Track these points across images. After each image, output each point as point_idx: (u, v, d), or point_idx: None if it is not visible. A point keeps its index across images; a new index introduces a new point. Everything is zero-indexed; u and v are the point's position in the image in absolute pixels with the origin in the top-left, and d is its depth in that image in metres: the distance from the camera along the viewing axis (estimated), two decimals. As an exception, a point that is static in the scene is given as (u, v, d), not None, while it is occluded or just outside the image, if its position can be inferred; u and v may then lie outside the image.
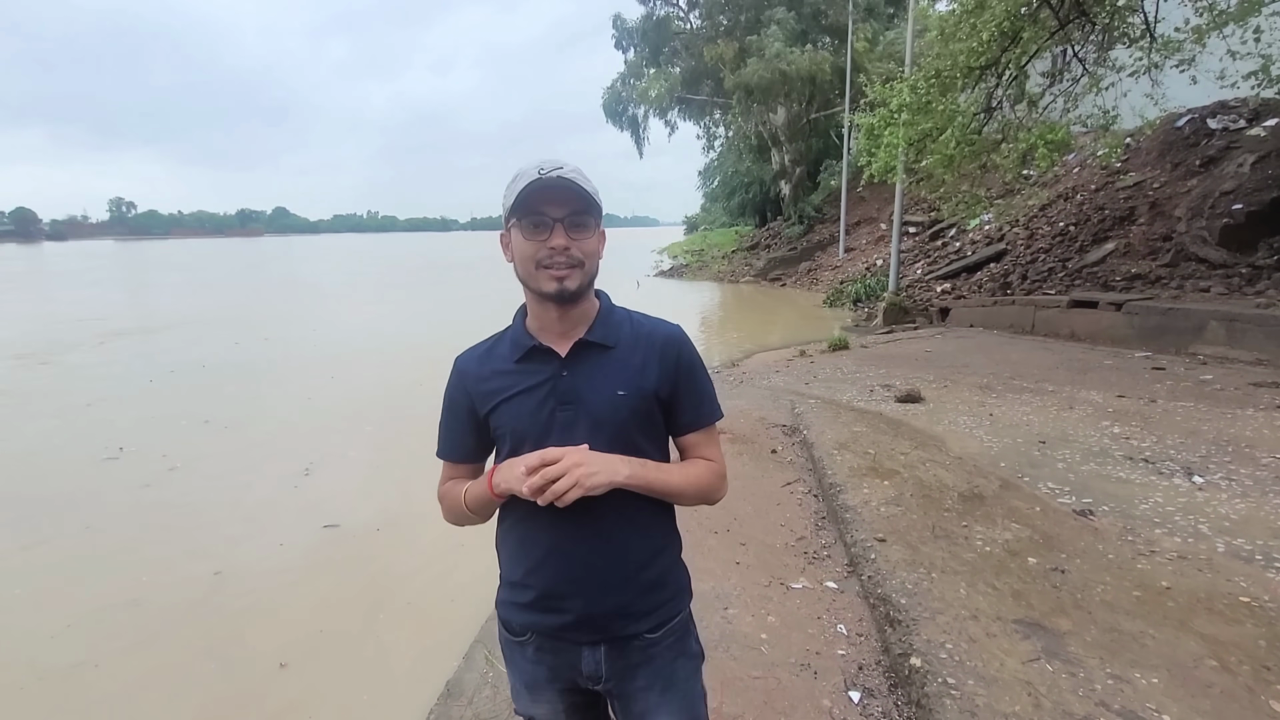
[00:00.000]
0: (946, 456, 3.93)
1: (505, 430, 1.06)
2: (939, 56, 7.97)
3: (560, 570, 1.05)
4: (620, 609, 1.05)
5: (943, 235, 14.63)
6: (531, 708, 1.14)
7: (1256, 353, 5.77)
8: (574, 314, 1.05)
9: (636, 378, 1.05)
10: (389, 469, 5.04)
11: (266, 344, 10.85)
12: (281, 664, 2.63)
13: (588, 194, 0.98)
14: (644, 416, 1.06)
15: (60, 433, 6.08)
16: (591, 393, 1.03)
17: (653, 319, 1.13)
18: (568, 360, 1.04)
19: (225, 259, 48.57)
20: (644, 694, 1.08)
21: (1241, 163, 7.82)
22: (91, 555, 3.69)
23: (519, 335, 1.08)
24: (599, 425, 1.02)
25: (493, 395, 1.07)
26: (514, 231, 1.01)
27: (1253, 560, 2.57)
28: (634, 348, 1.07)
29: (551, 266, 0.98)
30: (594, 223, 1.01)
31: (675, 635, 1.11)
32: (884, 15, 21.80)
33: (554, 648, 1.08)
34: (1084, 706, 1.80)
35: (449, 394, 1.15)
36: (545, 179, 0.95)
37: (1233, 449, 3.78)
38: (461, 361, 1.14)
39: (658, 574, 1.09)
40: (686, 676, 1.12)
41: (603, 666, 1.07)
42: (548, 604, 1.06)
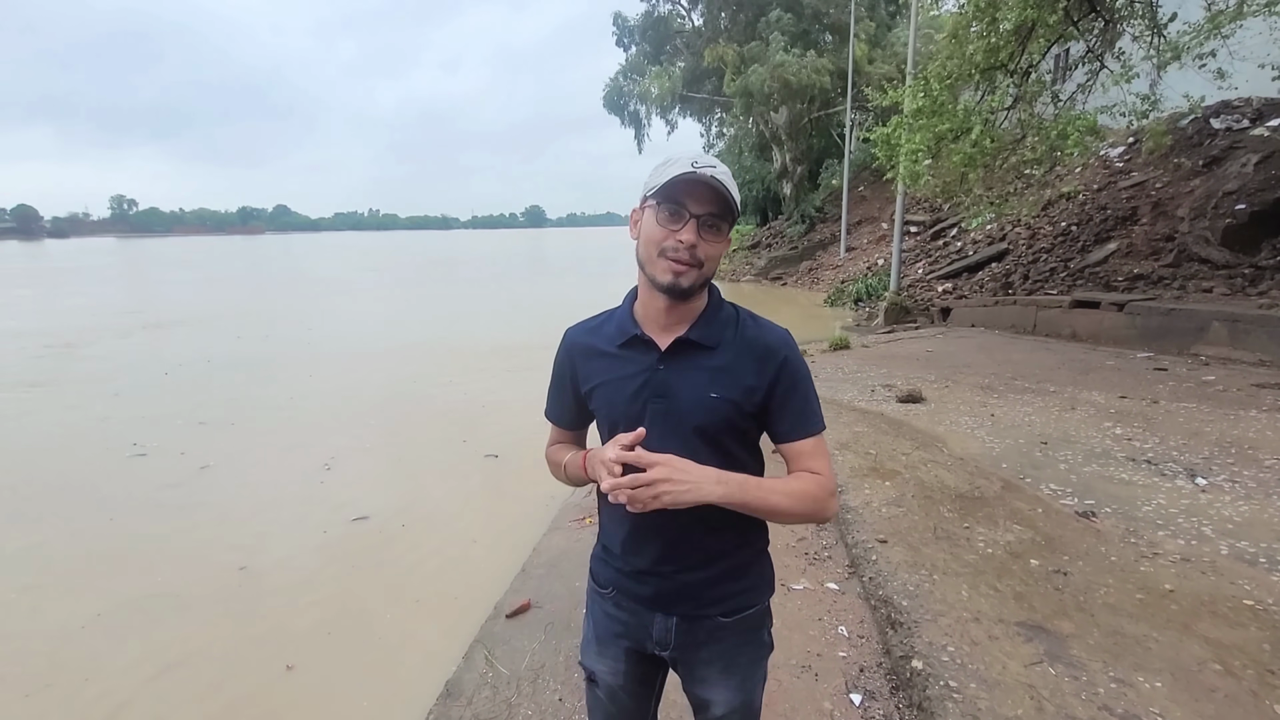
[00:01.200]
0: (948, 457, 3.92)
1: (602, 413, 1.11)
2: (950, 57, 7.92)
3: (642, 549, 1.09)
4: (696, 591, 1.09)
5: (944, 235, 14.61)
6: (597, 661, 1.19)
7: (1259, 354, 5.75)
8: (680, 309, 1.05)
9: (732, 383, 1.03)
10: (408, 462, 5.14)
11: (287, 338, 11.23)
12: (289, 666, 2.63)
13: (731, 200, 0.97)
14: (736, 422, 1.04)
15: (96, 419, 6.28)
16: (685, 391, 1.03)
17: (762, 321, 1.09)
18: (666, 355, 1.05)
19: (234, 256, 48.85)
20: (706, 667, 1.13)
21: (1245, 163, 7.79)
22: (124, 548, 3.76)
23: (624, 320, 1.09)
24: (688, 424, 1.02)
25: (593, 376, 1.11)
26: (648, 212, 1.01)
27: (1256, 563, 2.55)
28: (735, 351, 1.05)
29: (674, 259, 0.98)
30: (727, 228, 1.01)
31: (748, 625, 1.13)
32: (885, 14, 21.75)
33: (631, 608, 1.13)
34: (1087, 710, 1.79)
35: (557, 363, 1.19)
36: (698, 174, 0.95)
37: (1236, 450, 3.76)
38: (570, 334, 1.17)
39: (737, 565, 1.11)
40: (750, 661, 1.16)
41: (672, 636, 1.11)
42: (630, 574, 1.12)
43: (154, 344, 10.75)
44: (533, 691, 2.22)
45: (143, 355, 9.78)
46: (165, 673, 2.64)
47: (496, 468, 4.96)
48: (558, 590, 2.92)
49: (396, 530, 3.90)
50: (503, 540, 3.71)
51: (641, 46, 24.15)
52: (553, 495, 4.32)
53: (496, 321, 13.64)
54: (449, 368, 8.54)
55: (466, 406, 6.71)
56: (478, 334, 11.53)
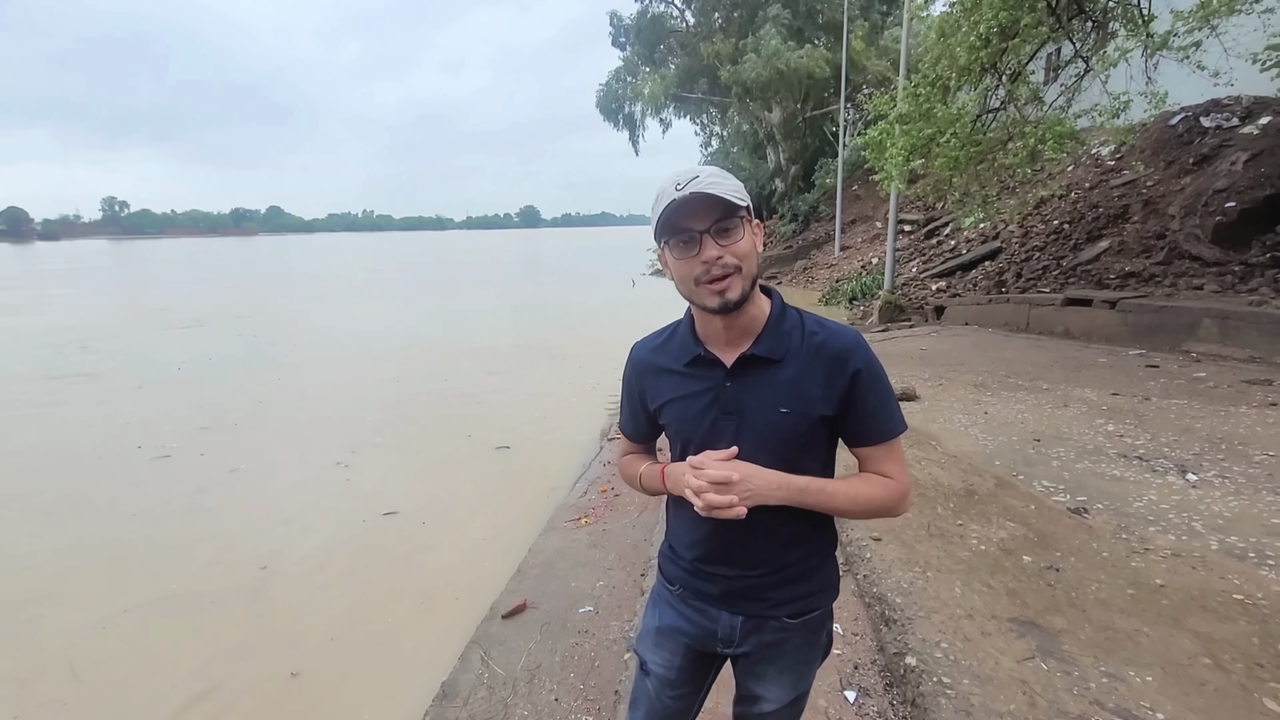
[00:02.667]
0: (942, 454, 3.94)
1: (673, 430, 1.13)
2: (938, 60, 7.96)
3: (714, 552, 1.11)
4: (763, 592, 1.11)
5: (938, 233, 14.66)
6: (653, 653, 1.21)
7: (1250, 350, 5.80)
8: (740, 323, 1.03)
9: (802, 397, 1.01)
10: (424, 458, 5.22)
11: (299, 337, 11.56)
12: (293, 673, 2.61)
13: (724, 199, 0.95)
14: (806, 435, 1.03)
15: (124, 416, 6.47)
16: (754, 407, 1.03)
17: (829, 326, 1.06)
18: (732, 371, 1.04)
19: (234, 258, 48.62)
20: (767, 665, 1.15)
21: (1235, 160, 7.84)
22: (149, 548, 3.78)
23: (687, 340, 1.09)
24: (759, 439, 1.02)
25: (661, 394, 1.12)
26: (666, 251, 1.01)
27: (1246, 558, 2.58)
28: (803, 362, 1.02)
29: (710, 281, 0.97)
30: (740, 223, 0.98)
31: (811, 627, 1.15)
32: (879, 13, 21.82)
33: (698, 605, 1.15)
34: (1079, 705, 1.80)
35: (626, 379, 1.21)
36: (680, 198, 0.94)
37: (1226, 446, 3.79)
38: (637, 351, 1.19)
39: (804, 569, 1.12)
40: (809, 660, 1.18)
41: (737, 633, 1.12)
42: (698, 573, 1.14)
43: (181, 341, 11.06)
44: (529, 692, 2.22)
45: (166, 352, 10.07)
46: (169, 674, 2.64)
47: (507, 459, 5.11)
48: (553, 590, 2.92)
49: (416, 527, 3.95)
50: (500, 541, 3.71)
51: (636, 46, 24.14)
52: (554, 487, 4.36)
53: (500, 322, 13.69)
54: (454, 366, 8.62)
55: (476, 402, 6.79)
56: (480, 334, 11.60)
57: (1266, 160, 7.52)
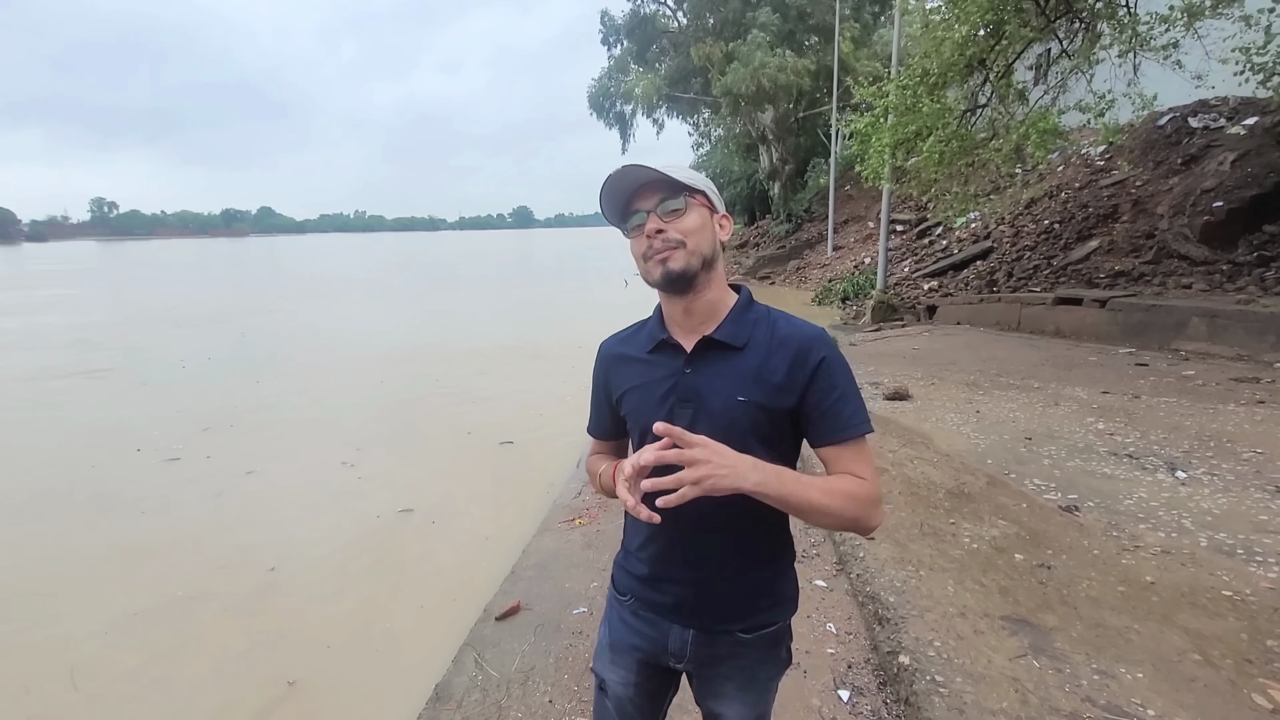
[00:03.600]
0: (934, 454, 3.96)
1: (631, 420, 1.10)
2: (925, 55, 7.99)
3: (666, 556, 1.07)
4: (716, 605, 1.07)
5: (930, 233, 14.73)
6: (609, 669, 1.17)
7: (1237, 348, 5.85)
8: (699, 307, 1.03)
9: (761, 385, 0.99)
10: (431, 456, 5.23)
11: (299, 336, 11.71)
12: (290, 681, 2.57)
13: (666, 177, 0.97)
14: (765, 426, 0.99)
15: (132, 417, 6.45)
16: (711, 394, 1.00)
17: (795, 320, 1.05)
18: (692, 357, 1.03)
19: (227, 260, 48.31)
20: (724, 682, 1.11)
21: (1222, 160, 7.92)
22: (160, 549, 3.76)
23: (654, 327, 1.10)
24: (716, 428, 0.95)
25: (624, 382, 1.11)
26: (626, 234, 1.03)
27: (1234, 554, 2.60)
28: (765, 352, 1.00)
29: (654, 254, 0.98)
30: (690, 204, 0.98)
31: (767, 641, 1.09)
32: (870, 14, 21.89)
33: (649, 617, 1.11)
34: (1070, 702, 1.81)
35: (594, 375, 1.19)
36: (617, 182, 0.98)
37: (1214, 444, 3.82)
38: (605, 346, 1.18)
39: (761, 581, 1.08)
40: (768, 678, 1.13)
41: (688, 648, 1.08)
42: (650, 582, 1.10)
43: (192, 340, 11.16)
44: (523, 694, 2.22)
45: (178, 351, 10.13)
46: (166, 685, 2.60)
47: (509, 458, 5.17)
48: (547, 592, 2.91)
49: (424, 526, 3.95)
50: (495, 542, 3.70)
51: (627, 46, 24.12)
52: (552, 483, 4.36)
53: (494, 323, 13.71)
54: (451, 367, 8.65)
55: (471, 401, 6.81)
56: (475, 335, 11.64)
57: (1253, 160, 7.60)
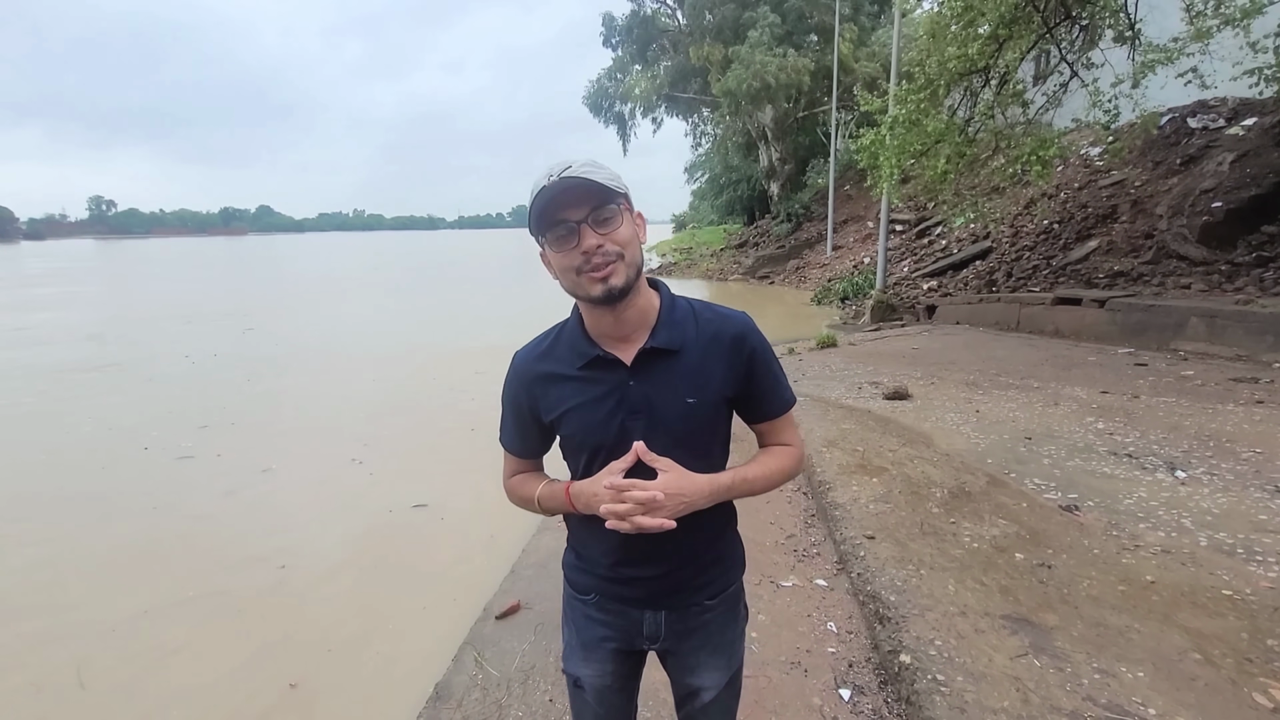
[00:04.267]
0: (934, 453, 3.96)
1: (576, 440, 1.06)
2: (927, 57, 7.99)
3: (630, 556, 1.08)
4: (683, 583, 1.11)
5: (929, 233, 14.74)
6: (582, 667, 1.17)
7: (1236, 348, 5.86)
8: (630, 315, 1.01)
9: (706, 384, 1.03)
10: (438, 458, 5.23)
11: (309, 335, 11.83)
12: (292, 684, 2.54)
13: (600, 185, 0.92)
14: (715, 420, 1.06)
15: (150, 413, 6.51)
16: (661, 403, 1.01)
17: (720, 311, 1.08)
18: (634, 369, 1.02)
19: (228, 259, 48.19)
20: (695, 653, 1.15)
21: (1221, 161, 7.93)
22: (172, 547, 3.75)
23: (578, 342, 1.04)
24: (670, 434, 1.01)
25: (559, 403, 1.05)
26: (546, 247, 0.98)
27: (1234, 553, 2.60)
28: (702, 350, 1.03)
29: (592, 270, 0.94)
30: (618, 211, 0.95)
31: (728, 602, 1.17)
32: (870, 14, 21.90)
33: (617, 609, 1.13)
34: (1071, 701, 1.81)
35: (509, 391, 1.13)
36: (550, 185, 0.91)
37: (1214, 444, 3.83)
38: (519, 361, 1.12)
39: (718, 551, 1.14)
40: (733, 638, 1.19)
41: (662, 629, 1.12)
42: (615, 579, 1.11)
43: (208, 337, 11.28)
44: (523, 693, 2.22)
45: (182, 347, 10.22)
46: (169, 689, 2.58)
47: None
48: (547, 591, 2.91)
49: (435, 522, 3.95)
50: (499, 539, 3.69)
51: (627, 46, 24.12)
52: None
53: (494, 323, 13.75)
54: (453, 365, 8.66)
55: (470, 398, 6.82)
56: (473, 334, 11.66)
57: (1252, 161, 7.61)
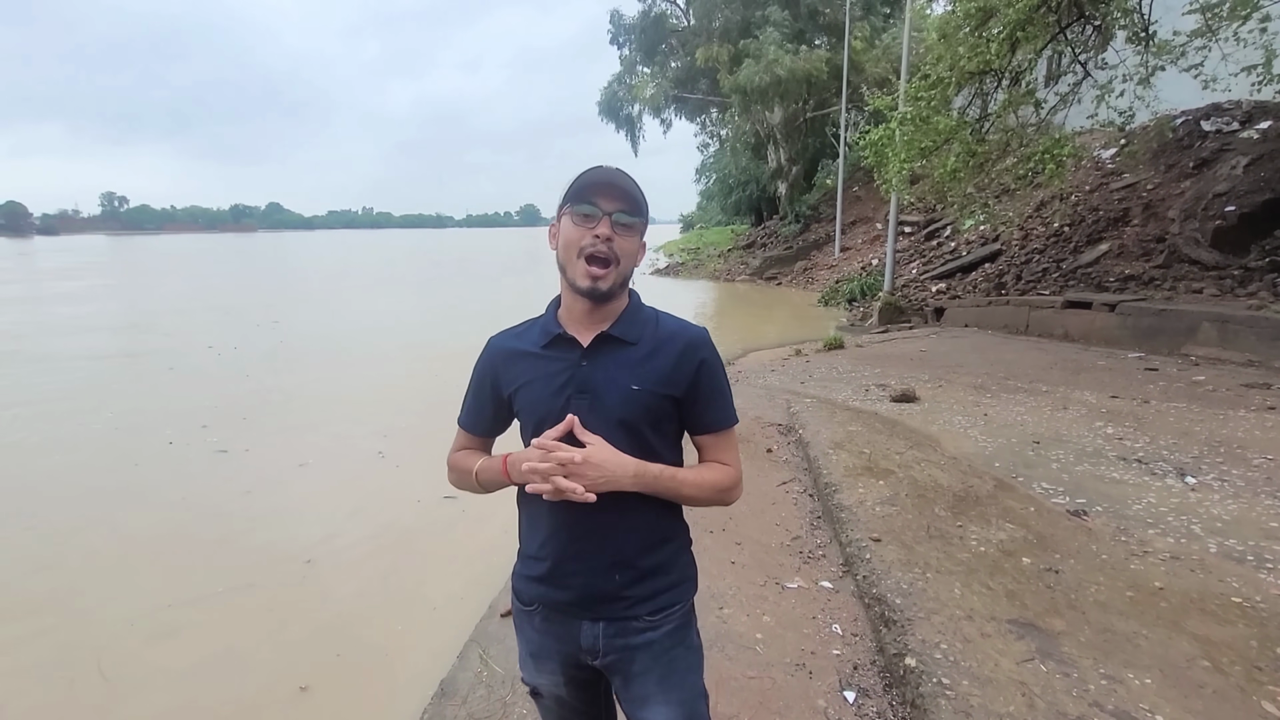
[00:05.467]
0: (941, 456, 3.94)
1: (525, 412, 1.12)
2: (939, 61, 7.95)
3: (563, 549, 1.09)
4: (618, 590, 1.09)
5: (938, 235, 14.67)
6: (536, 677, 1.20)
7: (1248, 354, 5.81)
8: (603, 309, 1.09)
9: (653, 375, 1.07)
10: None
11: (334, 329, 12.09)
12: (302, 687, 2.51)
13: (638, 197, 1.04)
14: (657, 414, 1.08)
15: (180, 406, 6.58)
16: (607, 384, 1.06)
17: (679, 321, 1.15)
18: (588, 351, 1.08)
19: (242, 255, 48.45)
20: (642, 679, 1.11)
21: (1235, 165, 7.86)
22: (203, 540, 3.78)
23: (548, 322, 1.13)
24: (611, 416, 1.05)
25: (517, 377, 1.13)
26: (564, 220, 1.06)
27: (1244, 561, 2.58)
28: (655, 347, 1.09)
29: (591, 261, 1.02)
30: (639, 227, 1.07)
31: (675, 624, 1.13)
32: (881, 13, 21.81)
33: (559, 619, 1.13)
34: (1078, 707, 1.80)
35: (478, 369, 1.21)
36: (605, 170, 1.03)
37: (1225, 450, 3.80)
38: (494, 341, 1.20)
39: (659, 561, 1.12)
40: (686, 669, 1.15)
41: (600, 642, 1.10)
42: (552, 579, 1.11)
43: (225, 329, 11.53)
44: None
45: (208, 339, 10.43)
46: (182, 688, 2.59)
47: None
48: (553, 589, 2.91)
49: (458, 515, 3.96)
50: (498, 540, 3.70)
51: (636, 47, 24.12)
52: None
53: (502, 319, 13.90)
54: (460, 362, 8.73)
55: None
56: (479, 330, 11.81)
57: (1266, 165, 7.54)
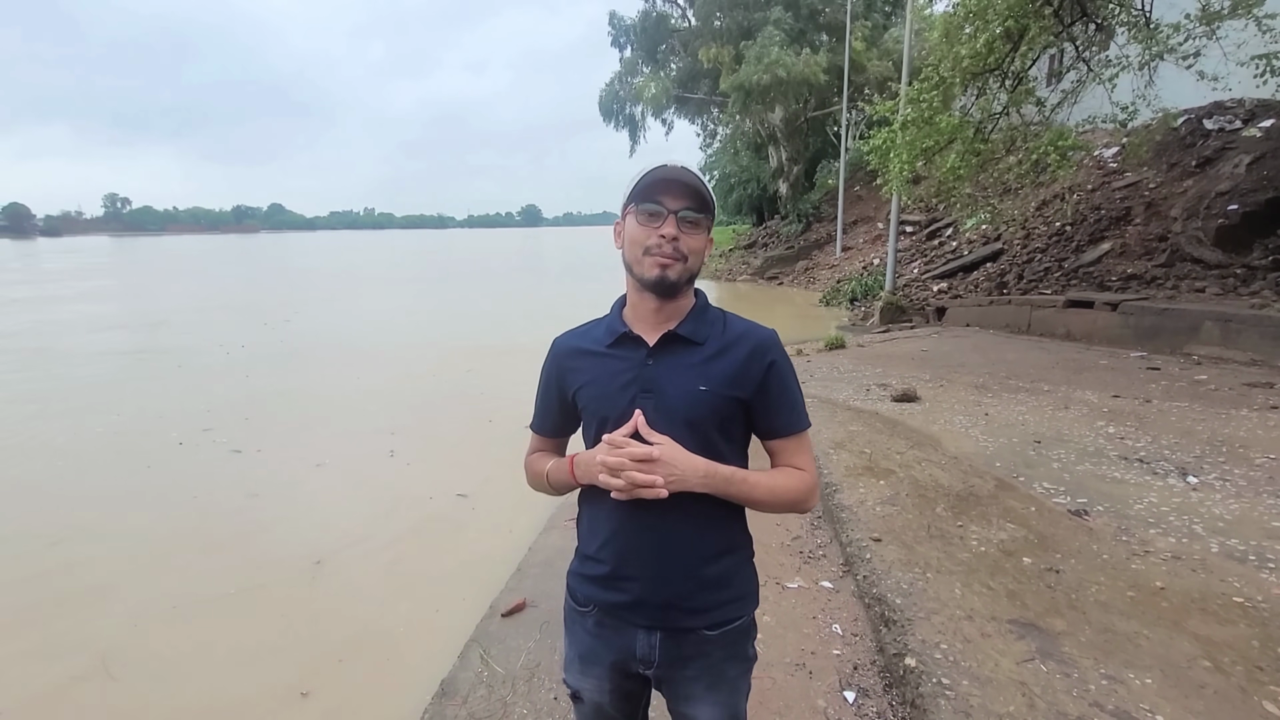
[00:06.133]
0: (942, 456, 3.94)
1: (590, 410, 1.10)
2: (941, 60, 7.94)
3: (624, 552, 1.07)
4: (678, 600, 1.06)
5: (940, 235, 14.66)
6: (580, 680, 1.16)
7: (1251, 353, 5.79)
8: (669, 307, 1.07)
9: (720, 376, 1.05)
10: (468, 449, 5.31)
11: (341, 330, 12.26)
12: (303, 693, 2.50)
13: (705, 195, 1.02)
14: (724, 416, 1.05)
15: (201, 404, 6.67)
16: (672, 385, 1.04)
17: (748, 322, 1.13)
18: (655, 350, 1.07)
19: (247, 256, 48.61)
20: (691, 683, 1.10)
21: (1237, 163, 7.84)
22: (213, 540, 3.79)
23: (614, 321, 1.12)
24: (676, 417, 1.02)
25: (581, 375, 1.12)
26: (629, 218, 1.05)
27: (1246, 560, 2.58)
28: (723, 347, 1.07)
29: (658, 255, 1.01)
30: (705, 223, 1.05)
31: (732, 638, 1.10)
32: (882, 12, 21.79)
33: (613, 624, 1.10)
34: (1078, 707, 1.80)
35: (544, 371, 1.20)
36: (670, 168, 1.01)
37: (1227, 449, 3.79)
38: (559, 341, 1.19)
39: (720, 573, 1.08)
40: (736, 676, 1.12)
41: (655, 652, 1.07)
42: (610, 582, 1.09)
43: (235, 329, 11.70)
44: (528, 690, 2.23)
45: (219, 338, 10.67)
46: (184, 694, 2.59)
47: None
48: (553, 589, 2.92)
49: (467, 514, 3.99)
50: (511, 535, 3.70)
51: (636, 47, 24.12)
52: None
53: (507, 321, 13.89)
54: (467, 362, 8.82)
55: (491, 395, 6.93)
56: (489, 331, 11.89)
57: (1269, 163, 7.52)
